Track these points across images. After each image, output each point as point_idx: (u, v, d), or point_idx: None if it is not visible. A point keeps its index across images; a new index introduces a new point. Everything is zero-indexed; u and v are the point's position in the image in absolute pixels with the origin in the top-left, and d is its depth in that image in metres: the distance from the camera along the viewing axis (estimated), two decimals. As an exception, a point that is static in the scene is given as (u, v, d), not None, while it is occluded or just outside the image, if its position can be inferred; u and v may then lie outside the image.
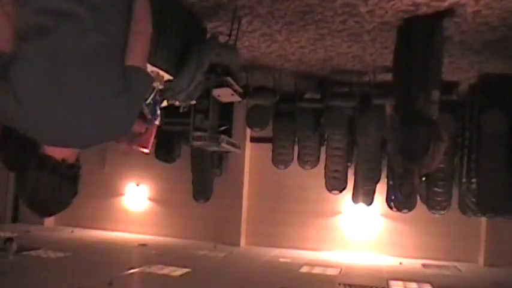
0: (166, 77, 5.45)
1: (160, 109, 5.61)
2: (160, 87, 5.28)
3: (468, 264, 11.09)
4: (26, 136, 2.16)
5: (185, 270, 8.99)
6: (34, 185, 2.10)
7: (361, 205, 10.59)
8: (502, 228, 10.65)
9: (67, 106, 2.05)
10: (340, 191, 10.40)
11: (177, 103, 6.07)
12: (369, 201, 10.35)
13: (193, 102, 6.51)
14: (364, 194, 10.24)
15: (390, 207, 10.07)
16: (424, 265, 10.94)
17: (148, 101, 5.06)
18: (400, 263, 10.97)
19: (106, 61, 2.11)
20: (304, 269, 9.84)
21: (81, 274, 8.35)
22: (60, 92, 2.03)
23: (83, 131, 2.14)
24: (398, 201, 9.60)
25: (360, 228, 12.05)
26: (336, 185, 10.30)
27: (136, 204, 13.67)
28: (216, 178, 11.69)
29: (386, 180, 9.96)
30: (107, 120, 2.14)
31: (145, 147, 4.19)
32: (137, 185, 13.67)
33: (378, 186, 10.10)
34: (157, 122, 5.86)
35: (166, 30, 5.36)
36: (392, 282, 8.94)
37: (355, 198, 10.40)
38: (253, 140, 12.40)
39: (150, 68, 5.06)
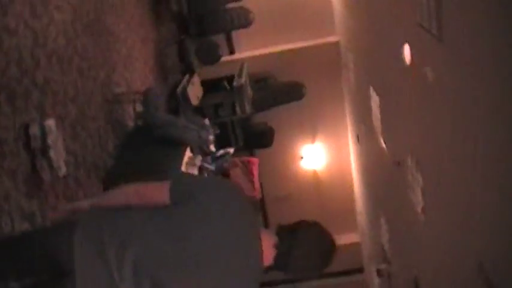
0: (188, 153, 5.42)
1: (219, 154, 5.75)
2: (200, 157, 5.31)
3: None
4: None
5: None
6: None
7: None
8: None
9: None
10: None
11: (211, 137, 6.01)
12: None
13: (207, 121, 6.36)
14: None
15: None
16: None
17: (212, 168, 5.25)
18: None
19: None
20: None
21: None
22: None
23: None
24: None
25: None
26: None
27: None
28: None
29: None
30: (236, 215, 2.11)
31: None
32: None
33: None
34: (231, 150, 5.95)
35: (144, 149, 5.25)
36: None
37: None
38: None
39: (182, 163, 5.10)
